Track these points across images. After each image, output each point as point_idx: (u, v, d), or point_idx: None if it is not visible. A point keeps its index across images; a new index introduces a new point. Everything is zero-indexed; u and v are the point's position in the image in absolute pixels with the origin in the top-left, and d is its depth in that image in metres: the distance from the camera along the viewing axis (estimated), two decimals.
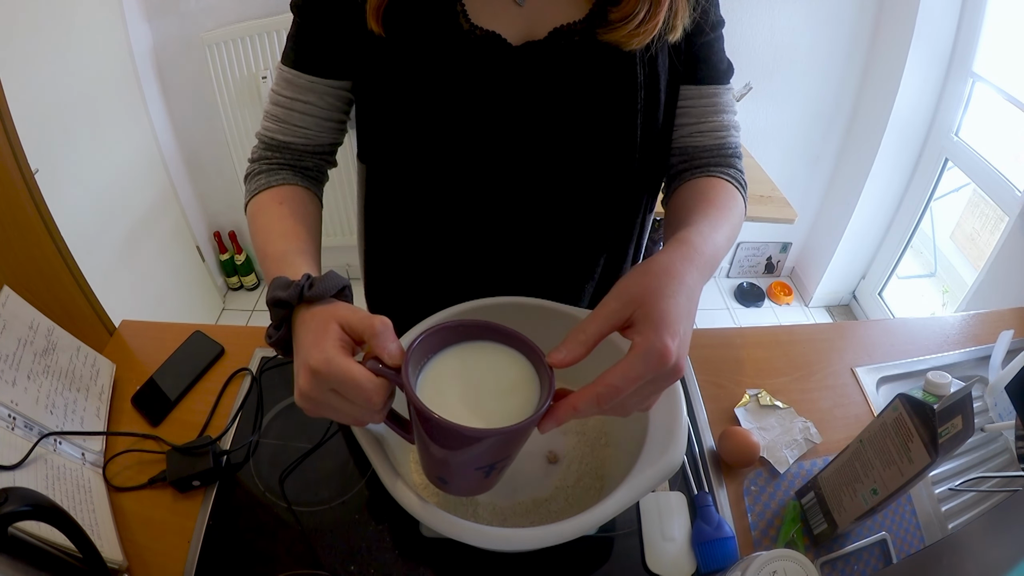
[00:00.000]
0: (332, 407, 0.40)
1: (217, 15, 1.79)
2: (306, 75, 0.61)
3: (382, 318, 0.40)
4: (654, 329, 0.38)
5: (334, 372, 0.38)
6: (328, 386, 0.39)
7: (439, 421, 0.36)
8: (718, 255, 0.49)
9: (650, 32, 0.55)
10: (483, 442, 0.38)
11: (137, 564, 0.56)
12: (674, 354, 0.38)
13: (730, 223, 0.56)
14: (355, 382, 0.38)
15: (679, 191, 0.64)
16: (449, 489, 0.46)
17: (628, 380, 0.37)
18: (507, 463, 0.43)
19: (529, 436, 0.41)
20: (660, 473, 0.46)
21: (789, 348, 0.83)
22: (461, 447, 0.39)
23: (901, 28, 1.87)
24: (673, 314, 0.39)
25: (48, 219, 0.73)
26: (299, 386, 0.40)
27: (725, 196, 0.59)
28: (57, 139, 1.46)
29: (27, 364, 0.62)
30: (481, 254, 0.69)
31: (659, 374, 0.38)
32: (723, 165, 0.64)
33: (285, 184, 0.61)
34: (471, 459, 0.40)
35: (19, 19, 1.35)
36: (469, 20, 0.57)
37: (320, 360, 0.38)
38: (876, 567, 0.60)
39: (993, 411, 0.77)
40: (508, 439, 0.39)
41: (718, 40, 0.63)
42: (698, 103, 0.63)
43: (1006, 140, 1.80)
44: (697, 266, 0.44)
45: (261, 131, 0.64)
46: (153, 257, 1.92)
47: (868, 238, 2.33)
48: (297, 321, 0.43)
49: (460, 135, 0.60)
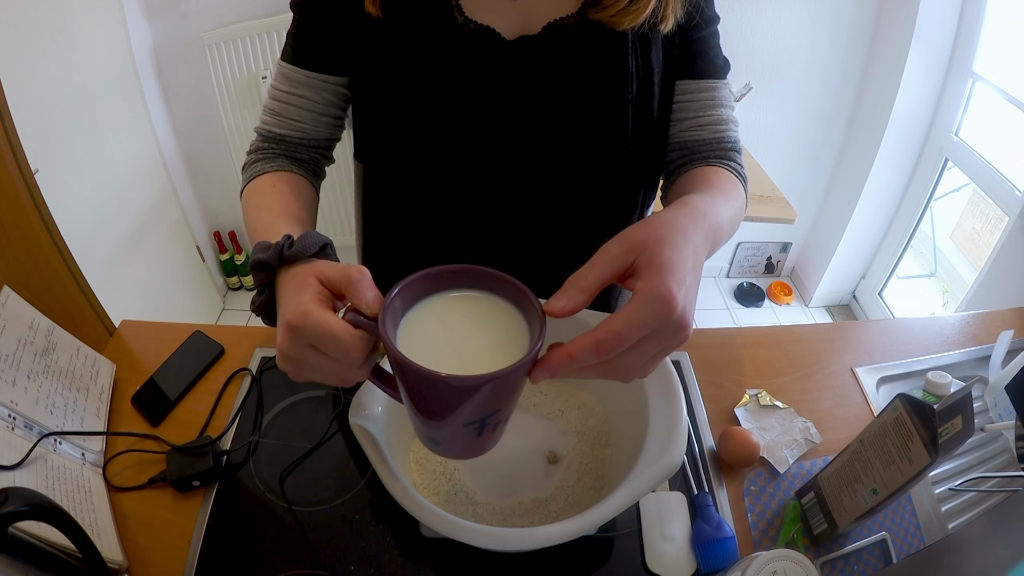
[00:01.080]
0: (312, 365, 0.38)
1: (217, 15, 1.79)
2: (303, 70, 0.62)
3: (359, 267, 0.38)
4: (658, 275, 0.35)
5: (310, 325, 0.36)
6: (306, 341, 0.36)
7: (417, 369, 0.33)
8: (722, 228, 0.46)
9: (642, 11, 0.55)
10: (467, 391, 0.35)
11: (137, 564, 0.56)
12: (680, 302, 0.34)
13: (732, 203, 0.54)
14: (332, 334, 0.35)
15: (678, 182, 0.64)
16: (441, 451, 0.42)
17: (632, 327, 0.34)
18: (500, 418, 0.40)
19: (521, 387, 0.38)
20: (660, 473, 0.46)
21: (789, 348, 0.83)
22: (445, 399, 0.36)
23: (901, 28, 1.87)
24: (678, 262, 0.36)
25: (48, 219, 0.73)
26: (279, 346, 0.38)
27: (726, 182, 0.59)
28: (57, 139, 1.46)
29: (27, 364, 0.62)
30: (479, 251, 0.70)
31: (664, 326, 0.34)
32: (723, 158, 0.64)
33: (281, 170, 0.62)
34: (458, 413, 0.37)
35: (19, 19, 1.34)
36: (463, 14, 0.57)
37: (296, 314, 0.36)
38: (876, 567, 0.60)
39: (993, 411, 0.77)
40: (495, 387, 0.35)
41: (713, 35, 0.64)
42: (696, 97, 0.63)
43: (1006, 140, 1.80)
44: (701, 227, 0.41)
45: (259, 125, 0.65)
46: (153, 257, 1.92)
47: (868, 238, 2.33)
48: (279, 283, 0.42)
49: (454, 129, 0.61)
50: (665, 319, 0.34)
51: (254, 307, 0.44)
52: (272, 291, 0.43)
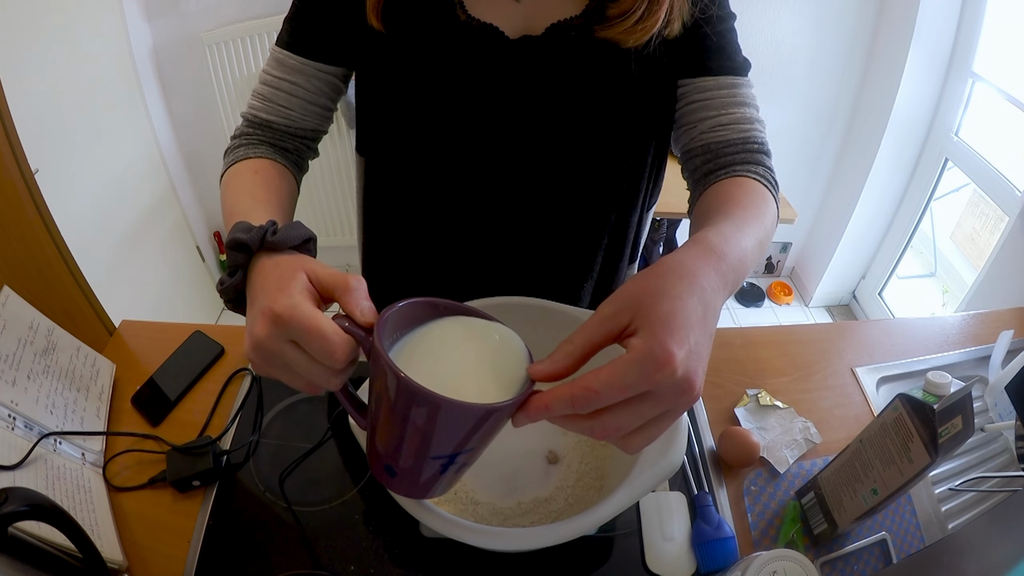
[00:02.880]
0: (286, 363, 0.36)
1: (217, 15, 1.79)
2: (297, 56, 0.62)
3: (357, 276, 0.37)
4: (652, 333, 0.31)
5: (299, 319, 0.34)
6: (288, 335, 0.35)
7: (412, 386, 0.31)
8: (745, 260, 0.41)
9: (648, 30, 0.54)
10: (451, 414, 0.33)
11: (137, 564, 0.56)
12: (679, 363, 0.30)
13: (760, 223, 0.49)
14: (320, 332, 0.34)
15: (703, 197, 0.58)
16: (395, 483, 0.39)
17: (611, 387, 0.30)
18: (468, 460, 0.38)
19: (497, 431, 0.36)
20: (660, 473, 0.46)
21: (789, 348, 0.83)
22: (431, 422, 0.34)
23: (901, 28, 1.87)
24: (679, 316, 0.32)
25: (48, 219, 0.73)
26: (254, 334, 0.36)
27: (753, 196, 0.54)
28: (57, 139, 1.46)
29: (27, 364, 0.62)
30: (478, 249, 0.70)
31: (659, 387, 0.31)
32: (750, 163, 0.59)
33: (263, 158, 0.61)
34: (437, 441, 0.35)
35: (19, 19, 1.34)
36: (466, 11, 0.57)
37: (285, 306, 0.34)
38: (876, 567, 0.60)
39: (993, 411, 0.77)
40: (477, 420, 0.34)
41: (730, 32, 0.61)
42: (717, 95, 0.60)
43: (1006, 140, 1.80)
44: (715, 268, 0.37)
45: (246, 110, 0.64)
46: (153, 257, 1.92)
47: (868, 238, 2.33)
48: (256, 269, 0.40)
49: (454, 124, 0.61)
50: (658, 382, 0.31)
51: (221, 287, 0.42)
52: (244, 275, 0.42)
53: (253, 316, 0.37)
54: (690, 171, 0.63)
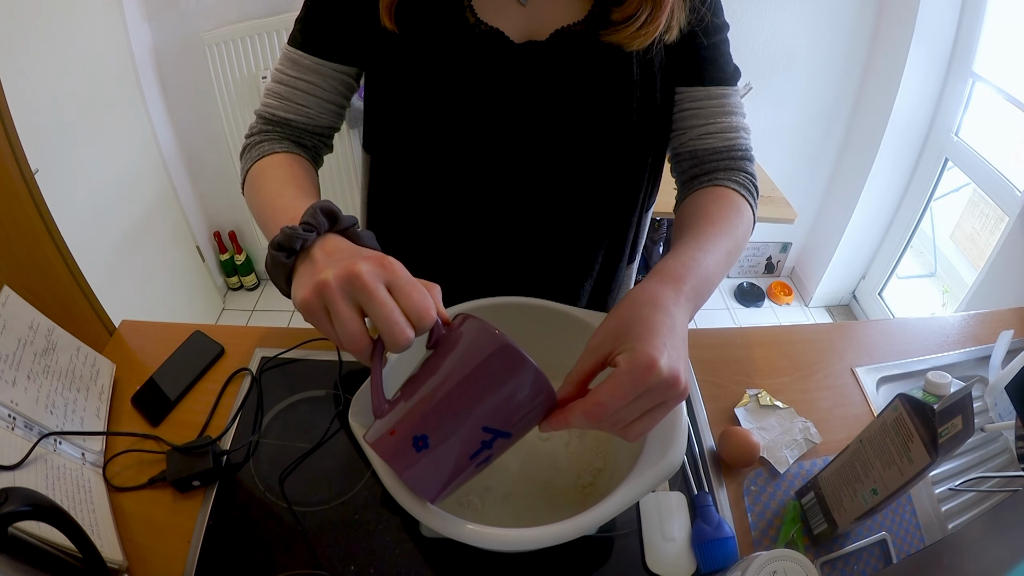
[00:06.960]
0: (370, 300, 0.37)
1: (217, 15, 1.79)
2: (312, 56, 0.63)
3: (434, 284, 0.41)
4: (635, 348, 0.38)
5: (406, 273, 0.38)
6: (390, 278, 0.37)
7: (500, 338, 0.37)
8: (711, 279, 0.49)
9: (652, 34, 0.56)
10: (524, 376, 0.38)
11: (137, 564, 0.56)
12: (662, 365, 0.37)
13: (731, 238, 0.55)
14: (425, 285, 0.39)
15: (685, 204, 0.64)
16: (422, 459, 0.39)
17: (615, 397, 0.37)
18: (505, 445, 0.41)
19: (531, 427, 0.41)
20: (660, 473, 0.46)
21: (789, 348, 0.83)
22: (500, 378, 0.38)
23: (901, 28, 1.87)
24: (651, 330, 0.39)
25: (48, 219, 0.73)
26: (350, 267, 0.37)
27: (728, 210, 0.59)
28: (57, 139, 1.46)
29: (27, 364, 0.62)
30: (479, 248, 0.70)
31: (651, 387, 0.37)
32: (733, 169, 0.64)
33: (290, 152, 0.62)
34: (493, 405, 0.38)
35: (19, 19, 1.34)
36: (475, 14, 0.58)
37: (391, 259, 0.39)
38: (876, 567, 0.60)
39: (993, 411, 0.77)
40: (535, 390, 0.39)
41: (723, 43, 0.64)
42: (706, 104, 0.64)
43: (1006, 140, 1.80)
44: (675, 289, 0.44)
45: (261, 108, 0.65)
46: (153, 257, 1.92)
47: (868, 238, 2.33)
48: (319, 245, 0.41)
49: (459, 125, 0.61)
50: (649, 383, 0.37)
51: (273, 264, 0.42)
52: (316, 239, 0.42)
53: (350, 257, 0.39)
54: (678, 172, 0.68)
